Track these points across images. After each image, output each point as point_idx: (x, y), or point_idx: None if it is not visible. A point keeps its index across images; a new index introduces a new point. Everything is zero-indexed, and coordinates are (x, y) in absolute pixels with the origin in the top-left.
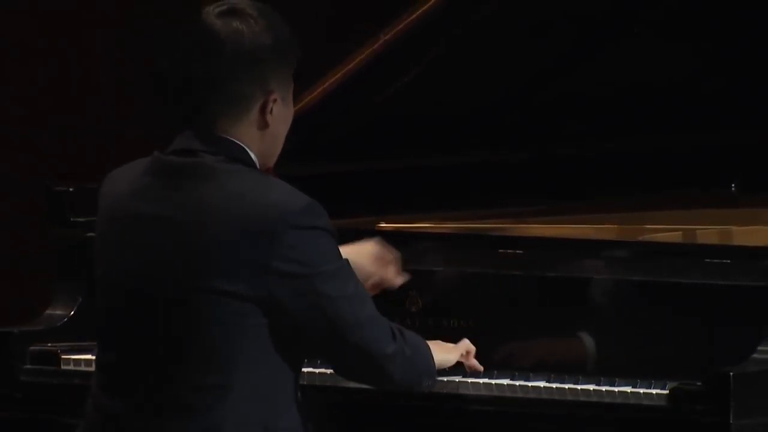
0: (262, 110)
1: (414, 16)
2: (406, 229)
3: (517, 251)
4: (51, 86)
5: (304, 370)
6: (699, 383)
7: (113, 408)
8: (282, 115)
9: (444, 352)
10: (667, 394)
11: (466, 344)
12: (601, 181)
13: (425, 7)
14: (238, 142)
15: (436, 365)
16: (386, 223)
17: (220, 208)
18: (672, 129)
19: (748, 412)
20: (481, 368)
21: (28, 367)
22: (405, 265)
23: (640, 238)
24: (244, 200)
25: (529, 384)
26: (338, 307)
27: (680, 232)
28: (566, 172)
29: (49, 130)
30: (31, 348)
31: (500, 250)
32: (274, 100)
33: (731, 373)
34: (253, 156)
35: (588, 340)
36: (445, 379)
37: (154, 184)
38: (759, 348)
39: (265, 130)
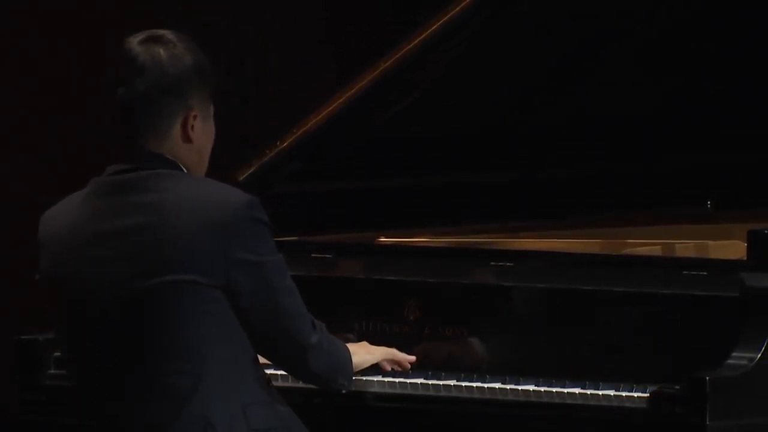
0: (184, 126)
1: (412, 44)
2: (405, 243)
3: (508, 263)
4: (51, 86)
5: None
6: (677, 387)
7: (106, 410)
8: (203, 131)
9: (365, 353)
10: (647, 397)
11: (390, 350)
12: (587, 199)
13: (423, 36)
14: (168, 157)
15: (357, 365)
16: (386, 237)
17: (176, 208)
18: (654, 152)
19: (723, 414)
20: (413, 358)
21: (52, 371)
22: (405, 276)
23: (624, 252)
24: (197, 198)
25: (519, 387)
26: (279, 296)
27: (660, 246)
28: (555, 190)
29: (49, 130)
30: (55, 354)
31: (492, 263)
32: (194, 117)
33: (707, 378)
34: (183, 169)
35: (574, 346)
36: (440, 383)
37: (105, 202)
38: (733, 354)
39: (190, 145)
